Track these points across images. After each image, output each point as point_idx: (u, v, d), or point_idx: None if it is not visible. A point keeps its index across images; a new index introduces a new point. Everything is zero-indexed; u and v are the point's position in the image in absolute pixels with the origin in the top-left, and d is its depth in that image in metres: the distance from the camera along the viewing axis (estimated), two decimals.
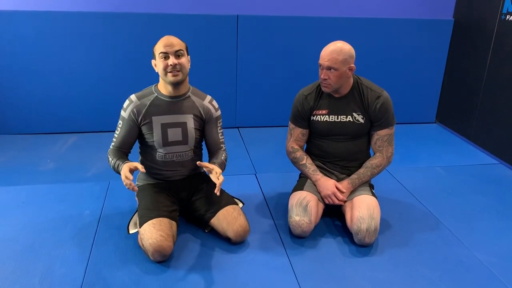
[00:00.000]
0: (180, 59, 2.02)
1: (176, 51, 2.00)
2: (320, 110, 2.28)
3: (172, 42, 2.00)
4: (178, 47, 2.01)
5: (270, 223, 2.36)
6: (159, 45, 2.02)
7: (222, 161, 2.18)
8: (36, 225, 2.25)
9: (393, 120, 2.29)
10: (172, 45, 2.00)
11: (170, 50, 1.99)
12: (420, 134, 3.86)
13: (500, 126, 3.32)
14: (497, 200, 2.71)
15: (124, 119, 2.11)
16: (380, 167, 2.31)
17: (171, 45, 2.00)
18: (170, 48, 1.99)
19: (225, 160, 2.21)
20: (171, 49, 1.99)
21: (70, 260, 1.99)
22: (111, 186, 2.68)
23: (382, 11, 3.79)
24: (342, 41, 2.16)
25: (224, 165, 2.18)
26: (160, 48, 2.00)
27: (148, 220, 1.99)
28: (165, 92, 2.11)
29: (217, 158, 2.19)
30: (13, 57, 3.30)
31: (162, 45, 2.00)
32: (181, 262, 2.00)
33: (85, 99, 3.52)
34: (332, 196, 2.25)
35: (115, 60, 3.45)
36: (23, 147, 3.27)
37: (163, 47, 1.99)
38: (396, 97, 2.69)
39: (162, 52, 2.00)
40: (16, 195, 2.56)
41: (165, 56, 2.00)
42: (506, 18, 3.24)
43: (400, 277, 1.97)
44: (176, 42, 2.02)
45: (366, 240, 2.11)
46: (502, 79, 3.30)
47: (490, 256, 2.15)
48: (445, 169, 3.13)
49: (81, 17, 3.29)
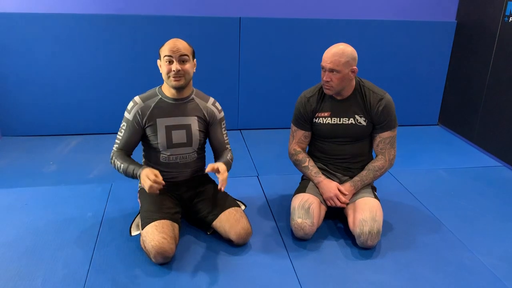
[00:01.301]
0: (184, 65, 2.01)
1: (180, 56, 1.99)
2: (323, 112, 2.28)
3: (178, 47, 1.99)
4: (183, 52, 2.00)
5: (272, 225, 2.36)
6: (165, 47, 2.01)
7: (228, 160, 2.18)
8: (39, 227, 2.26)
9: (395, 123, 2.29)
10: (178, 50, 1.99)
11: (174, 54, 1.99)
12: (423, 136, 3.85)
13: (503, 129, 3.31)
14: (500, 202, 2.70)
15: (128, 120, 2.11)
16: (383, 170, 2.31)
17: (177, 49, 1.99)
18: (175, 53, 1.99)
19: (231, 160, 2.21)
20: (176, 54, 1.99)
21: (73, 262, 1.99)
22: (114, 188, 2.68)
23: (385, 13, 3.79)
24: (344, 43, 2.15)
25: (230, 164, 2.18)
26: (165, 51, 2.00)
27: (151, 222, 2.00)
28: (169, 94, 2.12)
29: (223, 157, 2.19)
30: (17, 59, 3.31)
31: (168, 49, 1.99)
32: (183, 264, 2.00)
33: (88, 101, 3.53)
34: (335, 199, 2.25)
35: (118, 62, 3.45)
36: (26, 149, 3.27)
37: (169, 50, 1.99)
38: (398, 99, 2.69)
39: (166, 56, 1.99)
40: (19, 197, 2.56)
41: (170, 60, 1.99)
42: (509, 20, 3.23)
43: (403, 279, 1.97)
44: (182, 47, 2.01)
45: (369, 242, 2.11)
46: (505, 81, 3.30)
47: (493, 258, 2.14)
48: (448, 171, 3.12)
49: (85, 19, 3.30)
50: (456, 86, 3.90)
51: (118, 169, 2.08)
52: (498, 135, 3.37)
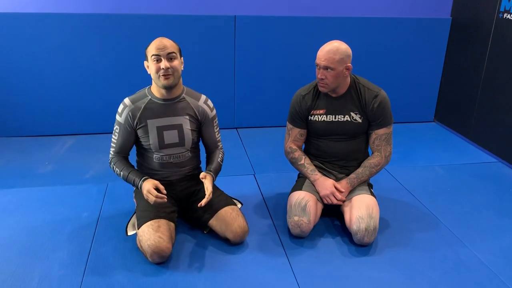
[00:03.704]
0: (172, 62, 2.00)
1: (168, 54, 1.98)
2: (318, 110, 2.28)
3: (164, 45, 1.98)
4: (170, 50, 1.99)
5: (269, 223, 2.36)
6: (152, 47, 1.99)
7: (218, 164, 2.20)
8: (35, 228, 2.25)
9: (391, 119, 2.29)
10: (165, 48, 1.98)
11: (162, 52, 1.97)
12: (419, 133, 3.85)
13: (499, 125, 3.32)
14: (496, 198, 2.71)
15: (120, 124, 2.10)
16: (379, 167, 2.31)
17: (164, 47, 1.98)
18: (162, 51, 1.97)
19: (221, 161, 2.23)
20: (164, 51, 1.97)
21: (69, 263, 1.99)
22: (109, 188, 2.68)
23: (379, 11, 3.79)
24: (338, 41, 2.15)
25: (220, 168, 2.22)
26: (152, 51, 1.98)
27: (147, 222, 1.99)
28: (158, 95, 2.10)
29: (213, 162, 2.20)
30: (10, 59, 3.29)
31: (155, 48, 1.98)
32: (179, 264, 2.00)
33: (83, 101, 3.52)
34: (331, 196, 2.25)
35: (113, 62, 3.44)
36: (21, 150, 3.26)
37: (156, 49, 1.97)
38: (394, 96, 2.69)
39: (154, 55, 1.98)
40: (14, 197, 2.55)
41: (157, 58, 1.98)
42: (504, 16, 3.24)
43: (400, 276, 1.97)
44: (169, 45, 2.00)
45: (365, 239, 2.11)
46: (500, 77, 3.30)
47: (489, 254, 2.14)
48: (444, 168, 3.13)
49: (78, 19, 3.28)
50: (452, 83, 3.91)
51: (118, 175, 2.13)
52: (493, 131, 3.38)
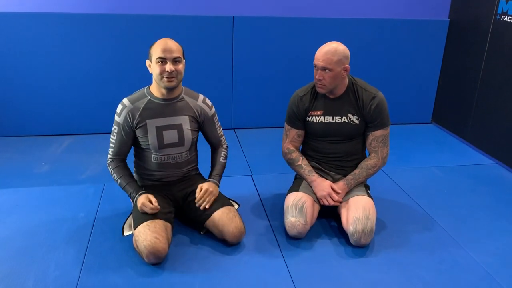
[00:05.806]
0: (177, 65, 2.00)
1: (174, 58, 1.98)
2: (315, 111, 2.28)
3: (171, 48, 1.97)
4: (176, 54, 1.98)
5: (265, 224, 2.36)
6: (157, 49, 1.98)
7: (221, 165, 2.28)
8: (31, 228, 2.24)
9: (388, 121, 2.29)
10: (171, 51, 1.97)
11: (169, 56, 1.97)
12: (416, 135, 3.86)
13: (496, 126, 3.33)
14: (492, 200, 2.71)
15: (119, 124, 2.10)
16: (376, 168, 2.31)
17: (170, 51, 1.97)
18: (168, 54, 1.97)
19: (225, 159, 2.31)
20: (170, 55, 1.97)
21: (65, 263, 1.98)
22: (106, 188, 2.67)
23: (377, 12, 3.79)
24: (336, 42, 2.15)
25: (224, 168, 2.30)
26: (158, 53, 1.97)
27: (143, 222, 1.99)
28: (158, 95, 2.10)
29: (216, 164, 2.27)
30: (7, 59, 3.28)
31: (161, 50, 1.97)
32: (176, 264, 2.00)
33: (80, 101, 3.51)
34: (328, 197, 2.25)
35: (110, 62, 3.43)
36: (18, 149, 3.25)
37: (162, 52, 1.96)
38: (392, 97, 2.70)
39: (159, 57, 1.97)
40: (10, 197, 2.54)
41: (163, 61, 1.98)
42: (501, 18, 3.24)
43: (396, 278, 1.97)
44: (175, 48, 1.99)
45: (362, 241, 2.11)
46: (497, 79, 3.31)
47: (486, 256, 2.15)
48: (441, 169, 3.13)
49: (76, 19, 3.28)
50: (449, 84, 3.92)
51: (115, 181, 2.15)
52: (491, 133, 3.39)
